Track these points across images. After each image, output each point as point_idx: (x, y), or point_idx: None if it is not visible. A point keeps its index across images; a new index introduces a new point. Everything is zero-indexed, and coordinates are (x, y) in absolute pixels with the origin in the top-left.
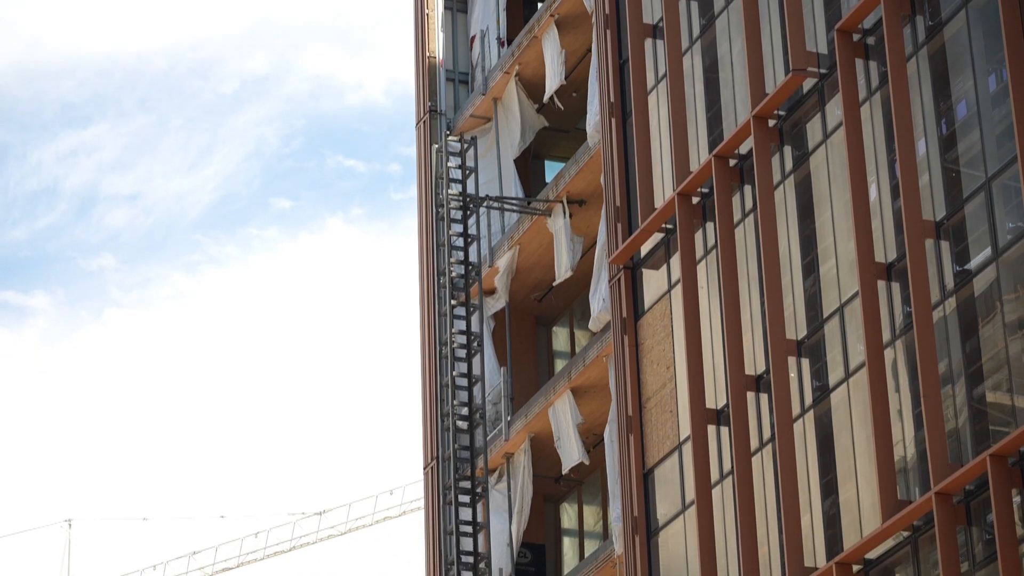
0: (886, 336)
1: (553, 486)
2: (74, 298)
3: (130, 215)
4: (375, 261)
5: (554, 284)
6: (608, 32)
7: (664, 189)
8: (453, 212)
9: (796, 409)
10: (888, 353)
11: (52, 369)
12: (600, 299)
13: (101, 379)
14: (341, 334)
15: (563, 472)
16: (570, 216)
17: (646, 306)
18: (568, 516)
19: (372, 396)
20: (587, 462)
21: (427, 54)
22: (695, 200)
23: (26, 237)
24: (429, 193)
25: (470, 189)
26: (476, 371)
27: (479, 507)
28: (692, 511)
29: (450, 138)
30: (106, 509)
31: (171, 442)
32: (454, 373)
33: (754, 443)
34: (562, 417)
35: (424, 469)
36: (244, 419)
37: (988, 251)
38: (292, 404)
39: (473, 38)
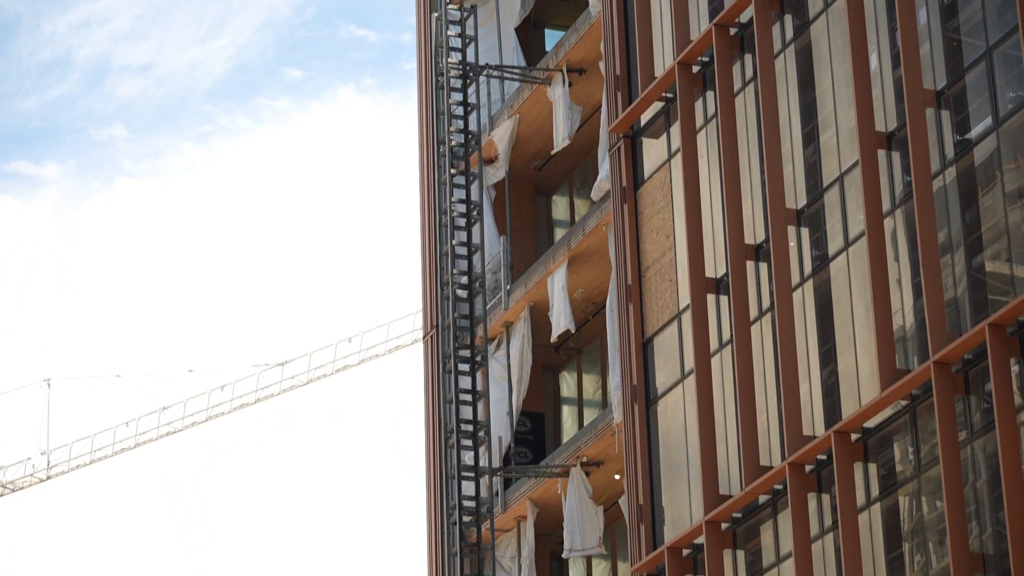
0: (886, 205)
1: (552, 355)
2: (85, 168)
3: (142, 85)
4: (386, 131)
5: (552, 153)
6: None
7: (664, 58)
8: (453, 81)
9: (795, 278)
10: (888, 222)
11: (63, 239)
12: (604, 167)
13: (111, 249)
14: (348, 203)
15: (551, 339)
16: (570, 85)
17: (646, 175)
18: (567, 385)
19: (375, 264)
20: (574, 330)
21: None
22: (695, 69)
23: (38, 107)
24: (429, 62)
25: (470, 58)
26: (476, 240)
27: (478, 376)
28: (691, 380)
29: (450, 6)
30: (82, 368)
31: (165, 301)
32: (454, 242)
33: (753, 312)
34: (557, 285)
35: (424, 338)
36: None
37: (988, 120)
38: (297, 267)
39: None
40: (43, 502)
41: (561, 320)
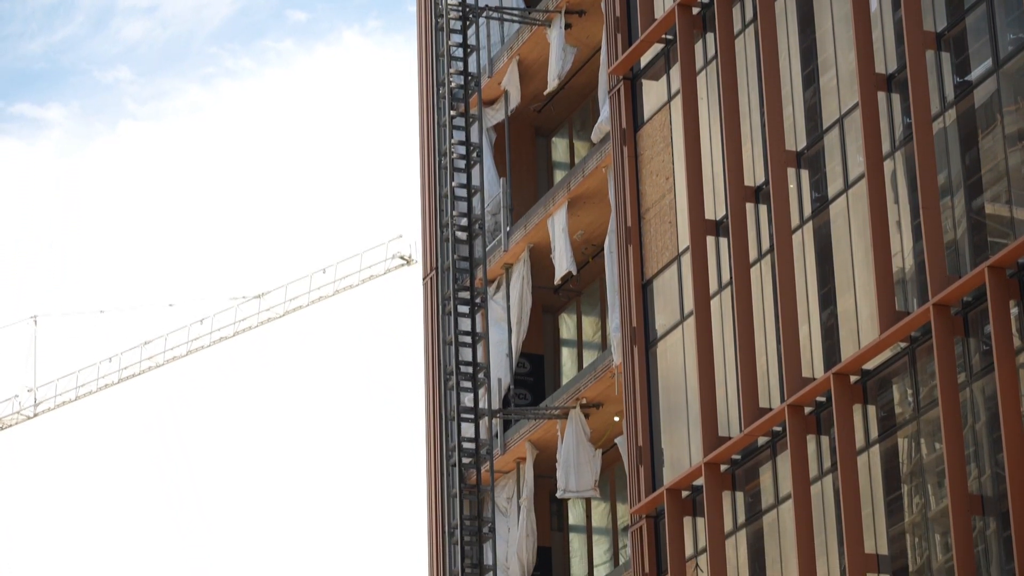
0: (885, 147)
1: (552, 297)
2: (89, 111)
3: (147, 27)
4: (390, 74)
5: (544, 93)
6: None
7: None
8: (453, 23)
9: (795, 220)
10: (887, 164)
11: (66, 181)
12: (604, 109)
13: (114, 191)
14: (349, 145)
15: (554, 282)
16: (569, 27)
17: (645, 117)
18: (567, 327)
19: (375, 202)
20: (575, 273)
21: None
22: (695, 10)
23: (42, 50)
24: (429, 3)
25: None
26: (475, 182)
27: (478, 317)
28: (690, 322)
29: None
30: (68, 304)
31: (157, 238)
32: (453, 184)
33: (753, 254)
34: (559, 227)
35: (423, 279)
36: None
37: (989, 62)
38: (292, 203)
39: None
40: (31, 439)
41: (563, 262)
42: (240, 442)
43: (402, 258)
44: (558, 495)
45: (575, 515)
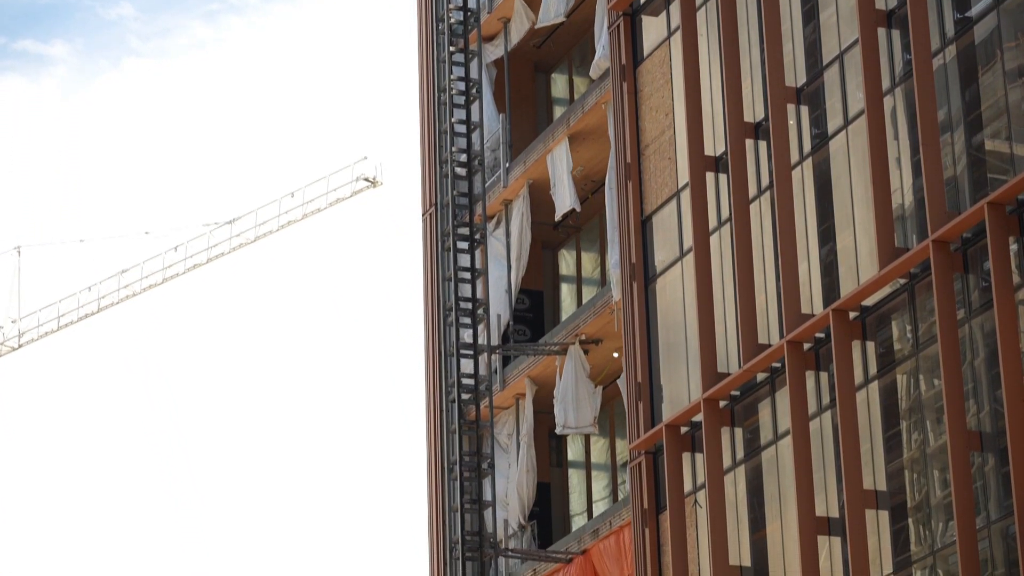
0: (885, 83)
1: (551, 233)
2: (93, 47)
3: None
4: (392, 10)
5: (535, 27)
6: None
7: None
8: None
9: (795, 156)
10: (887, 100)
11: (70, 118)
12: (601, 46)
13: (115, 127)
14: (344, 77)
15: (553, 218)
16: None
17: (645, 53)
18: (566, 263)
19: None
20: (578, 209)
21: None
22: None
23: None
24: None
25: None
26: (475, 118)
27: (477, 253)
28: (690, 258)
29: None
30: (49, 234)
31: (147, 165)
32: (453, 120)
33: (752, 190)
34: (559, 164)
35: (423, 215)
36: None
37: None
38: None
39: None
40: (15, 371)
41: (564, 198)
42: (223, 371)
43: (367, 180)
44: (557, 431)
45: (574, 451)
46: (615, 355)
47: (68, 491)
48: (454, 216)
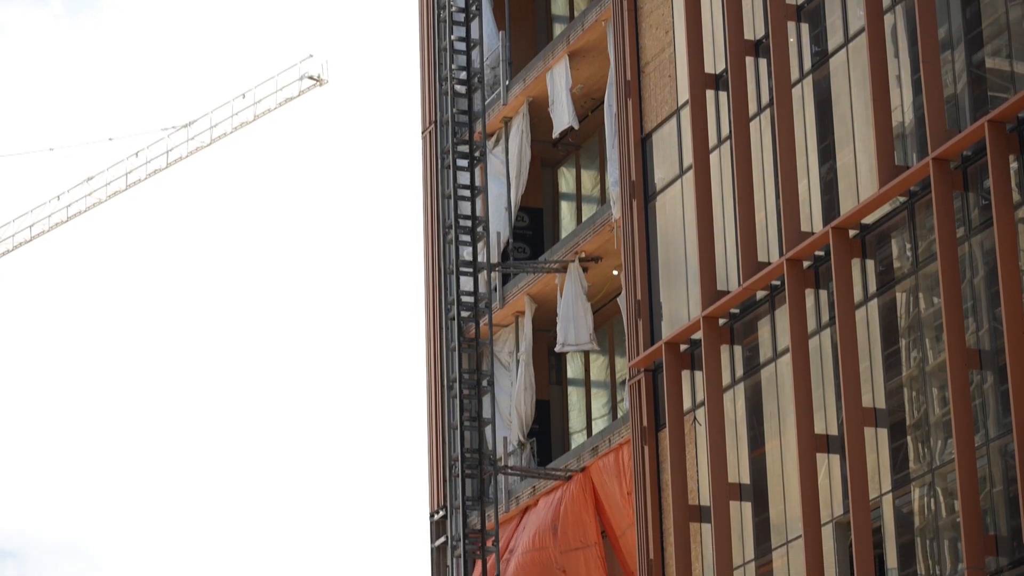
0: (886, 1)
1: (551, 150)
2: None
3: None
4: None
5: None
6: None
7: None
8: None
9: (795, 74)
10: (888, 18)
11: (74, 41)
12: None
13: (122, 52)
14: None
15: (553, 136)
16: None
17: None
18: (566, 180)
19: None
20: (576, 127)
21: None
22: None
23: None
24: None
25: None
26: (475, 35)
27: (477, 171)
28: (690, 176)
29: None
30: (18, 144)
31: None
32: (452, 37)
33: (752, 108)
34: (558, 82)
35: (422, 133)
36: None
37: None
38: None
39: None
40: None
41: (563, 116)
42: (198, 276)
43: (311, 78)
44: (556, 349)
45: (573, 369)
46: (615, 273)
47: (43, 405)
48: (454, 134)
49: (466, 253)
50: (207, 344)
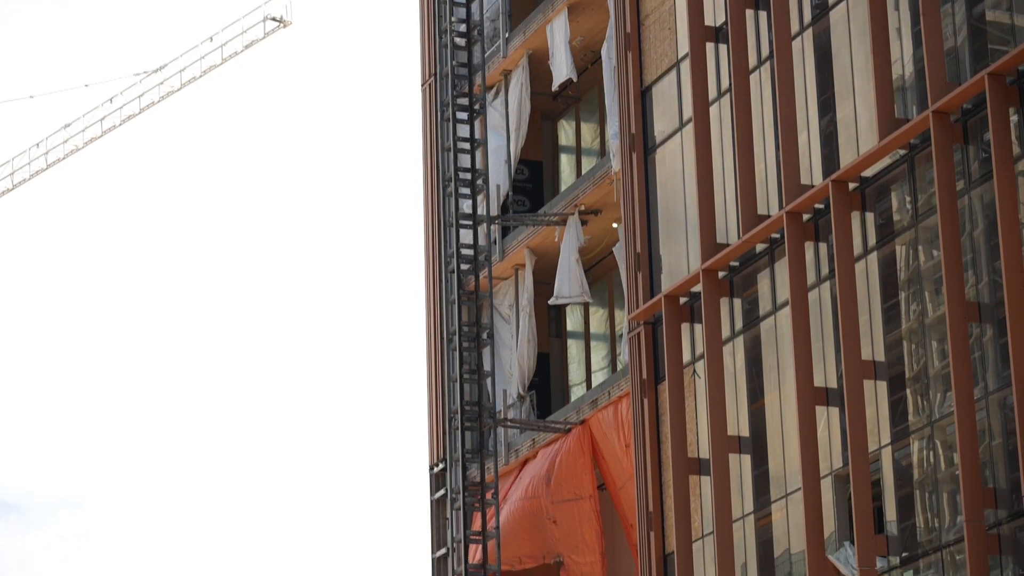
0: None
1: (551, 103)
2: None
3: None
4: None
5: None
6: None
7: None
8: None
9: (795, 27)
10: None
11: None
12: None
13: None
14: None
15: (553, 89)
16: None
17: None
18: (565, 133)
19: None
20: (575, 79)
21: None
22: None
23: None
24: None
25: None
26: None
27: (476, 124)
28: (689, 128)
29: None
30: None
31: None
32: None
33: (752, 60)
34: (558, 34)
35: (421, 86)
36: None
37: None
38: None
39: None
40: None
41: (562, 69)
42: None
43: (275, 20)
44: (549, 302)
45: (573, 322)
46: (614, 226)
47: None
48: (453, 86)
49: (466, 206)
50: (202, 293)
